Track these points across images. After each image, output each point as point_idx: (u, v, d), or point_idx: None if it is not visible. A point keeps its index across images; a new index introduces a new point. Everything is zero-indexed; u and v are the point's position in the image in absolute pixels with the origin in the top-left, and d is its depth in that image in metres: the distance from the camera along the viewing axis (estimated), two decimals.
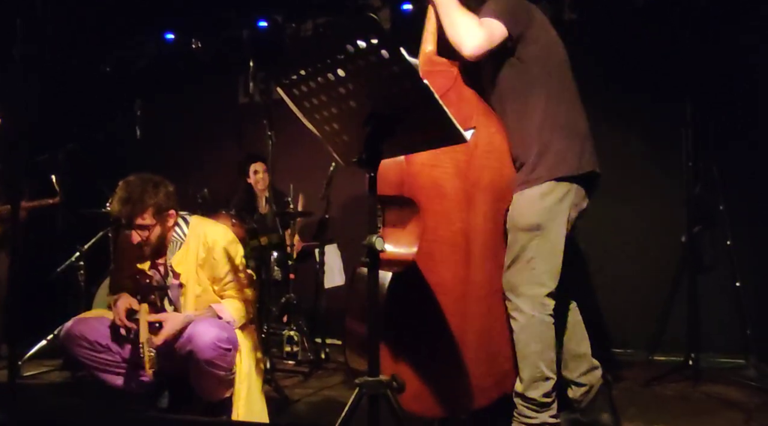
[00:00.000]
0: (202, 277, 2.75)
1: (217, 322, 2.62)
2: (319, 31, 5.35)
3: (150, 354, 2.57)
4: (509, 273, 2.49)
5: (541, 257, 2.43)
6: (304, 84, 1.82)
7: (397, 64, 1.62)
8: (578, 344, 2.64)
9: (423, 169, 2.41)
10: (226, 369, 2.59)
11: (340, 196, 4.71)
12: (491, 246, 2.56)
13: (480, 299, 2.53)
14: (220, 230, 2.83)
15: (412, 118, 1.75)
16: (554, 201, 2.44)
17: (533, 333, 2.42)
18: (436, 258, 2.43)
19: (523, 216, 2.46)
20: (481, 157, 2.53)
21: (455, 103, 2.47)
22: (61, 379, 3.73)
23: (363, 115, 1.78)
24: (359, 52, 1.63)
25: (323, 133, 1.96)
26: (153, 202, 2.66)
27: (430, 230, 2.42)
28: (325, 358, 4.20)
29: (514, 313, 2.47)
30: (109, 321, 2.73)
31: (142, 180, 2.71)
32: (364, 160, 1.81)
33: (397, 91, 1.69)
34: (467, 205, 2.50)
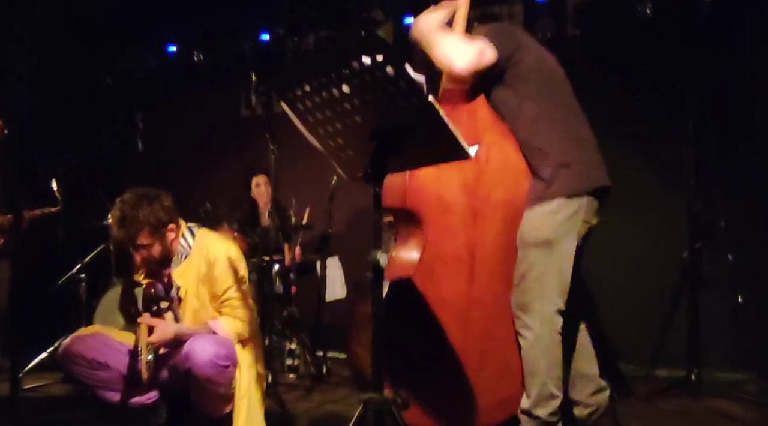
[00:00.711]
0: (202, 291, 2.73)
1: (215, 338, 2.61)
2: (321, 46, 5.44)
3: (147, 359, 2.56)
4: (519, 290, 2.48)
5: (551, 274, 2.43)
6: (308, 99, 1.83)
7: (402, 81, 1.64)
8: (586, 365, 2.63)
9: (426, 182, 2.42)
10: (225, 385, 2.58)
11: (342, 209, 4.71)
12: (500, 264, 2.55)
13: (485, 317, 2.52)
14: (223, 246, 2.79)
15: (417, 134, 1.76)
16: (565, 217, 2.44)
17: (542, 350, 2.42)
18: (437, 272, 2.43)
19: (534, 231, 2.46)
20: (492, 173, 2.53)
21: (467, 121, 2.49)
22: (61, 393, 3.72)
23: (368, 130, 1.80)
24: (364, 68, 1.64)
25: (327, 148, 1.96)
26: (148, 221, 2.63)
27: (432, 244, 2.43)
28: (327, 371, 4.18)
29: (523, 331, 2.46)
30: (107, 338, 2.73)
31: (136, 198, 2.66)
32: (369, 175, 1.82)
33: (402, 107, 1.70)
34: (473, 221, 2.51)
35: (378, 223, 1.84)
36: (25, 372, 3.97)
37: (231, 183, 5.44)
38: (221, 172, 5.72)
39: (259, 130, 4.02)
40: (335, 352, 4.60)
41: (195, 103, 5.96)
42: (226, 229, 4.45)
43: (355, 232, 5.05)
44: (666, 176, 4.21)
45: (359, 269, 2.85)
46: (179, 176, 5.87)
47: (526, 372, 2.46)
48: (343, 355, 4.63)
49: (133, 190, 2.72)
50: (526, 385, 2.46)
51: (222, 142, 5.68)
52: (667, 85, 4.24)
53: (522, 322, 2.46)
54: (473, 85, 2.59)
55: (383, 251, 1.76)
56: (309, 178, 5.05)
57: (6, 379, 3.33)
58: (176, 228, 2.76)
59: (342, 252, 4.69)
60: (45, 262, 4.36)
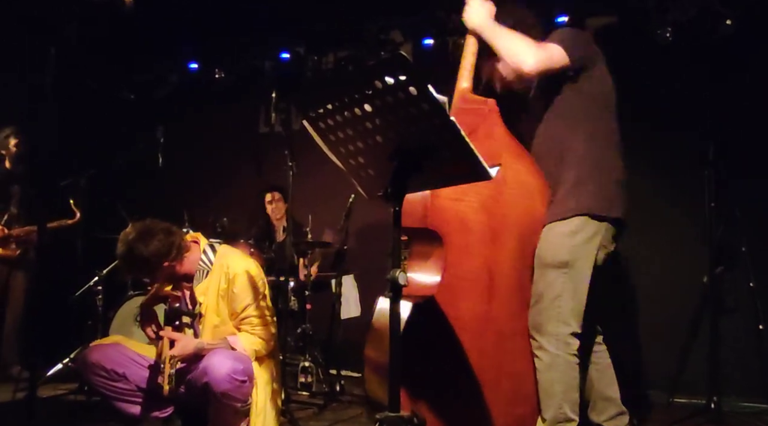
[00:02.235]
0: (222, 308, 2.75)
1: (233, 353, 2.62)
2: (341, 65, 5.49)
3: (170, 370, 2.57)
4: (534, 311, 2.48)
5: (567, 296, 2.43)
6: (330, 117, 1.85)
7: (425, 101, 1.65)
8: (607, 387, 2.61)
9: (447, 202, 2.43)
10: (242, 401, 2.59)
11: (358, 227, 4.73)
12: (517, 284, 2.55)
13: (502, 337, 2.51)
14: (243, 263, 2.80)
15: (439, 154, 1.77)
16: (584, 239, 2.44)
17: (557, 373, 2.40)
18: (456, 292, 2.43)
19: (552, 252, 2.46)
20: (509, 193, 2.54)
21: (482, 140, 2.50)
22: (76, 403, 3.73)
23: (389, 150, 1.81)
24: (387, 88, 1.65)
25: (348, 167, 1.98)
26: (151, 260, 2.65)
27: (452, 264, 2.43)
28: (341, 390, 4.17)
29: (539, 352, 2.45)
30: (126, 349, 2.75)
31: (135, 236, 2.67)
32: (389, 194, 1.83)
33: (424, 128, 1.72)
34: (492, 241, 2.51)
35: (397, 241, 1.84)
36: (41, 382, 3.99)
37: (248, 199, 5.50)
38: (239, 187, 5.78)
39: (277, 146, 4.07)
40: (349, 370, 4.59)
41: (215, 119, 6.03)
42: (243, 244, 4.47)
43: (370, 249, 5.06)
44: (686, 199, 4.19)
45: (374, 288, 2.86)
46: (197, 191, 5.94)
47: (542, 394, 2.45)
48: (357, 373, 4.62)
49: (133, 227, 2.74)
50: (542, 407, 2.45)
51: (240, 158, 5.75)
52: (686, 108, 4.23)
53: (537, 343, 2.46)
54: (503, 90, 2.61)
55: (402, 270, 1.77)
56: (325, 196, 5.08)
57: (23, 388, 3.37)
58: (197, 244, 2.80)
59: (357, 269, 4.70)
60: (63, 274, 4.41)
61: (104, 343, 2.91)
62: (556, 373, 2.41)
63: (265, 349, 2.75)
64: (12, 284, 4.65)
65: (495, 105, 2.61)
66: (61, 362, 4.26)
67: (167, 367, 2.57)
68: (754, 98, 4.14)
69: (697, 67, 4.27)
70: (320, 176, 4.73)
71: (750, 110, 4.12)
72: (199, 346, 2.65)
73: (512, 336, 2.53)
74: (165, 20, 5.39)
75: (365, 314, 4.52)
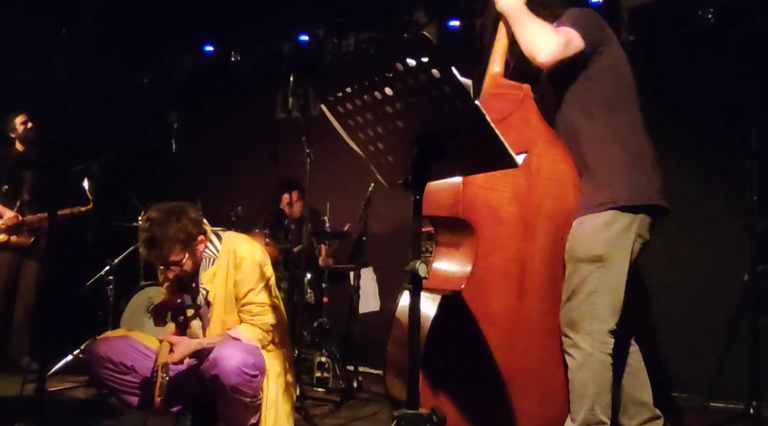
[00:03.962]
0: (230, 295, 2.78)
1: (244, 345, 2.64)
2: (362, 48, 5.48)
3: (162, 380, 2.57)
4: (567, 307, 2.45)
5: (603, 291, 2.40)
6: (349, 101, 1.84)
7: (448, 84, 1.63)
8: (640, 390, 2.58)
9: (479, 191, 2.41)
10: (252, 395, 2.60)
11: (378, 217, 4.72)
12: (548, 279, 2.53)
13: (532, 334, 2.50)
14: (250, 248, 2.84)
15: (462, 140, 1.76)
16: (619, 231, 2.41)
17: (591, 373, 2.38)
18: (486, 286, 2.42)
19: (585, 246, 2.43)
20: (543, 184, 2.52)
21: (518, 127, 2.48)
22: (86, 396, 3.79)
23: (410, 135, 1.80)
24: (409, 70, 1.64)
25: (367, 153, 1.97)
26: (178, 238, 2.67)
27: (483, 256, 2.42)
28: (358, 386, 4.18)
29: (571, 350, 2.43)
30: (134, 341, 2.78)
31: (163, 215, 2.69)
32: (409, 182, 1.82)
33: (447, 112, 1.70)
34: (524, 234, 2.49)
35: (417, 231, 1.83)
36: (50, 374, 4.05)
37: (264, 187, 5.51)
38: (255, 175, 5.80)
39: (294, 133, 4.07)
40: (367, 366, 4.60)
41: (230, 104, 6.06)
42: (258, 234, 4.50)
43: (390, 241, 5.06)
44: (727, 193, 4.11)
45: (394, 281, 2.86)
46: (212, 178, 5.99)
47: (573, 395, 2.42)
48: (375, 370, 4.63)
49: (158, 207, 2.75)
50: (572, 409, 2.42)
51: (256, 145, 5.77)
52: (729, 97, 4.15)
53: (570, 340, 2.43)
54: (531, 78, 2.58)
55: (422, 261, 1.76)
56: (344, 184, 5.09)
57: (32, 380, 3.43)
58: (205, 239, 2.81)
59: (376, 261, 4.70)
60: (74, 263, 4.47)
61: (113, 335, 2.94)
62: (589, 372, 2.38)
63: (266, 340, 2.77)
64: (23, 273, 4.69)
65: (530, 90, 2.59)
66: (71, 354, 4.32)
67: (159, 376, 2.56)
68: None
69: (740, 51, 4.18)
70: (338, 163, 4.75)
71: None
72: (199, 345, 2.67)
73: (543, 333, 2.52)
74: (180, 1, 5.42)
75: (384, 309, 4.52)
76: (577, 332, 2.41)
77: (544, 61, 2.39)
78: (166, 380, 2.57)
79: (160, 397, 2.55)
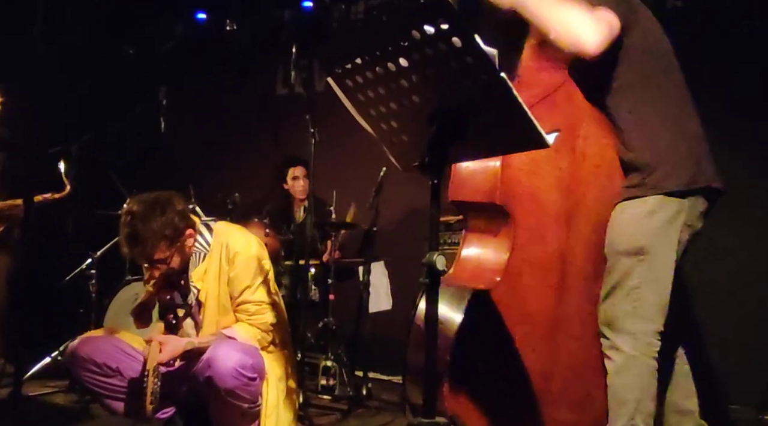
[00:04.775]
0: (224, 293, 2.81)
1: (242, 345, 2.67)
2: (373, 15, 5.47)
3: (154, 386, 2.59)
4: (607, 304, 2.46)
5: (648, 287, 2.39)
6: (359, 74, 1.85)
7: (470, 54, 1.64)
8: (685, 398, 2.59)
9: (520, 175, 2.42)
10: (250, 400, 2.63)
11: (391, 205, 4.73)
12: (591, 275, 2.54)
13: (573, 336, 2.51)
14: (244, 240, 2.86)
15: (486, 117, 1.76)
16: (664, 220, 2.40)
17: (633, 377, 2.38)
18: (523, 283, 2.43)
19: (626, 237, 2.43)
20: (588, 170, 2.53)
21: (563, 104, 2.48)
22: (66, 403, 3.83)
23: (427, 112, 1.80)
24: (426, 39, 1.65)
25: (379, 132, 1.98)
26: (163, 233, 2.67)
27: (521, 248, 2.42)
28: (367, 394, 4.21)
29: (610, 352, 2.43)
30: (120, 341, 2.81)
31: (145, 207, 2.69)
32: (426, 164, 1.82)
33: (469, 86, 1.71)
34: (566, 224, 2.50)
35: (435, 220, 1.84)
36: (27, 378, 4.09)
37: (264, 171, 5.53)
38: (253, 157, 5.83)
39: (297, 110, 4.08)
40: (377, 372, 4.63)
41: (225, 78, 6.08)
42: (256, 224, 4.52)
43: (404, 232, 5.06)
44: None
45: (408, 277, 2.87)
46: (205, 162, 6.02)
47: (612, 402, 2.42)
48: (386, 376, 4.66)
49: (140, 199, 2.76)
50: (611, 418, 2.43)
51: (255, 124, 5.79)
52: None
53: (609, 341, 2.43)
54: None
55: (441, 253, 1.77)
56: (353, 168, 5.10)
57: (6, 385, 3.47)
58: (194, 233, 2.83)
59: (388, 255, 4.71)
60: (52, 256, 4.51)
61: (96, 334, 2.98)
62: (630, 377, 2.38)
63: (266, 341, 2.80)
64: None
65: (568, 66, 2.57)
66: (49, 356, 4.36)
67: (150, 380, 2.58)
68: None
69: None
70: (347, 145, 4.76)
71: None
72: (190, 344, 2.69)
73: (583, 335, 2.53)
74: None
75: (397, 307, 4.53)
76: (616, 332, 2.42)
77: (594, 53, 2.28)
78: (158, 385, 2.59)
79: (152, 404, 2.57)
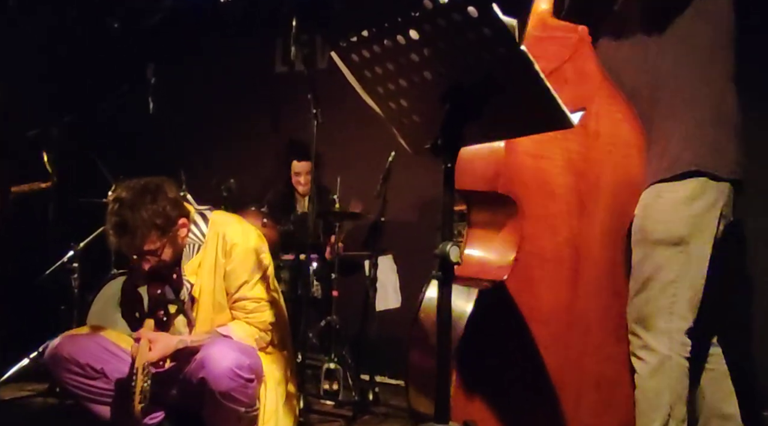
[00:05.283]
0: (220, 288, 2.82)
1: (238, 344, 2.67)
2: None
3: (143, 384, 2.59)
4: (639, 300, 2.46)
5: (684, 281, 2.40)
6: (366, 48, 1.84)
7: (487, 26, 1.63)
8: (723, 401, 2.60)
9: (526, 159, 2.42)
10: (247, 404, 2.63)
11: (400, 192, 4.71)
12: (608, 266, 2.54)
13: (589, 333, 2.52)
14: (243, 232, 2.87)
15: (504, 95, 1.76)
16: (704, 207, 2.41)
17: (667, 379, 2.39)
18: (534, 276, 2.44)
19: (663, 225, 2.42)
20: (602, 149, 2.52)
21: (573, 79, 2.48)
22: (46, 407, 3.85)
23: (440, 89, 1.80)
24: (439, 8, 1.64)
25: (387, 112, 1.98)
26: (154, 222, 2.67)
27: (530, 239, 2.43)
28: (374, 399, 4.22)
29: (642, 353, 2.44)
30: (105, 340, 2.81)
31: (134, 194, 2.69)
32: (439, 147, 1.82)
33: (486, 60, 1.70)
34: (579, 211, 2.50)
35: (448, 208, 1.84)
36: (4, 380, 4.11)
37: (262, 155, 5.53)
38: (250, 141, 5.82)
39: (298, 89, 4.07)
40: (385, 375, 4.63)
41: (220, 54, 6.06)
42: (253, 213, 4.52)
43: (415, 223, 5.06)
44: None
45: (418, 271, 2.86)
46: (197, 145, 6.01)
47: (642, 405, 2.44)
48: (395, 380, 4.66)
49: (129, 185, 2.75)
50: (640, 422, 2.44)
51: (252, 105, 5.79)
52: None
53: (641, 340, 2.44)
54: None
55: (455, 244, 1.76)
56: (359, 152, 5.08)
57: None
58: (187, 222, 2.83)
59: (397, 248, 4.70)
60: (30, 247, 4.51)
61: (79, 332, 2.98)
62: (665, 379, 2.39)
63: (264, 341, 2.81)
64: None
65: (587, 33, 2.57)
66: (28, 356, 4.37)
67: (140, 378, 2.58)
68: None
69: None
70: (352, 127, 4.75)
71: None
72: (182, 343, 2.69)
73: (602, 332, 2.54)
74: None
75: (406, 305, 4.53)
76: (649, 331, 2.42)
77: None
78: (148, 384, 2.60)
79: (141, 404, 2.58)
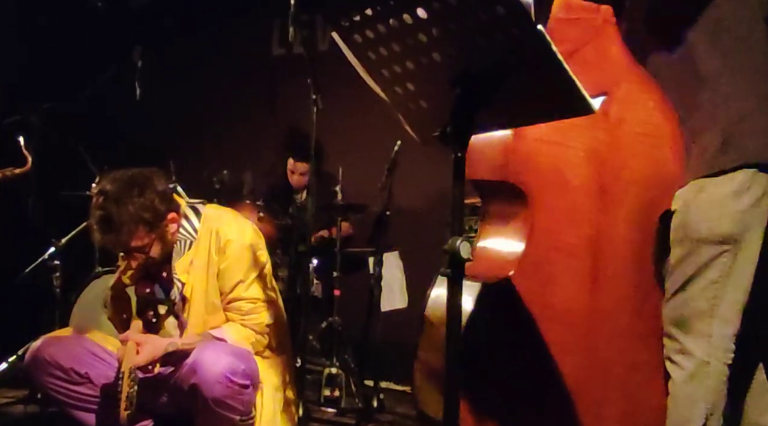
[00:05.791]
0: (213, 287, 2.83)
1: (232, 348, 2.68)
2: None
3: (130, 390, 2.60)
4: (677, 300, 2.43)
5: (729, 282, 2.36)
6: (370, 28, 1.84)
7: (501, 4, 1.62)
8: (764, 414, 2.57)
9: (538, 146, 2.41)
10: (242, 411, 2.65)
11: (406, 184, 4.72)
12: (633, 263, 2.53)
13: (613, 335, 2.51)
14: (238, 227, 2.88)
15: (519, 79, 1.76)
16: (753, 201, 2.35)
17: (703, 387, 2.37)
18: (548, 272, 2.43)
19: (708, 222, 2.38)
20: (629, 138, 2.52)
21: (594, 63, 2.49)
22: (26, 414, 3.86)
23: (450, 72, 1.79)
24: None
25: (393, 97, 1.98)
26: (141, 216, 2.67)
27: (543, 233, 2.42)
28: (379, 406, 4.22)
29: (677, 357, 2.42)
30: (89, 342, 2.82)
31: (120, 187, 2.69)
32: (449, 134, 1.82)
33: (499, 41, 1.69)
34: (602, 204, 2.50)
35: (458, 200, 1.84)
36: None
37: (258, 144, 5.53)
38: (245, 129, 5.83)
39: (296, 73, 4.07)
40: (390, 381, 4.64)
41: (213, 36, 6.07)
42: (248, 206, 4.53)
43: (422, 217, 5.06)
44: None
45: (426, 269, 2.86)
46: (188, 134, 6.02)
47: (675, 414, 2.41)
48: (401, 386, 4.67)
49: (114, 177, 2.75)
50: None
51: (247, 90, 5.79)
52: None
53: (677, 344, 2.42)
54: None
55: (465, 239, 1.76)
56: (362, 141, 5.09)
57: None
58: (177, 217, 2.83)
59: (403, 243, 4.71)
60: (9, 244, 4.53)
61: (62, 334, 2.99)
62: (701, 387, 2.37)
63: (261, 345, 2.82)
64: None
65: (611, 14, 2.58)
66: (6, 361, 4.39)
67: (126, 384, 2.59)
68: None
69: None
70: (355, 113, 4.76)
71: None
72: (172, 346, 2.70)
73: (627, 334, 2.53)
74: None
75: (413, 305, 4.54)
76: (687, 333, 2.39)
77: None
78: (135, 390, 2.61)
79: (127, 411, 2.59)
